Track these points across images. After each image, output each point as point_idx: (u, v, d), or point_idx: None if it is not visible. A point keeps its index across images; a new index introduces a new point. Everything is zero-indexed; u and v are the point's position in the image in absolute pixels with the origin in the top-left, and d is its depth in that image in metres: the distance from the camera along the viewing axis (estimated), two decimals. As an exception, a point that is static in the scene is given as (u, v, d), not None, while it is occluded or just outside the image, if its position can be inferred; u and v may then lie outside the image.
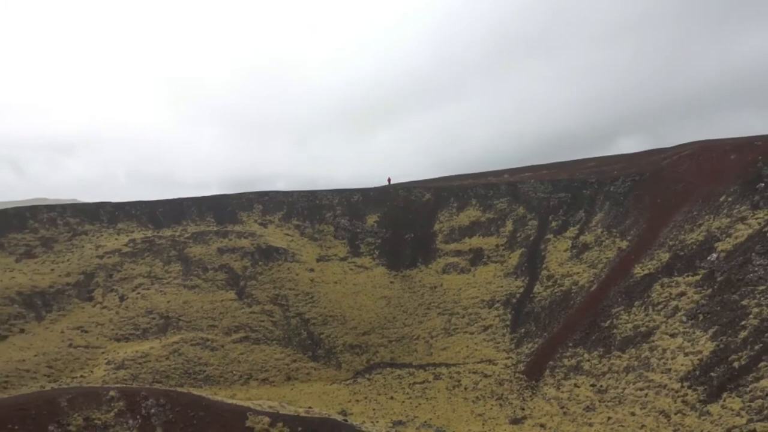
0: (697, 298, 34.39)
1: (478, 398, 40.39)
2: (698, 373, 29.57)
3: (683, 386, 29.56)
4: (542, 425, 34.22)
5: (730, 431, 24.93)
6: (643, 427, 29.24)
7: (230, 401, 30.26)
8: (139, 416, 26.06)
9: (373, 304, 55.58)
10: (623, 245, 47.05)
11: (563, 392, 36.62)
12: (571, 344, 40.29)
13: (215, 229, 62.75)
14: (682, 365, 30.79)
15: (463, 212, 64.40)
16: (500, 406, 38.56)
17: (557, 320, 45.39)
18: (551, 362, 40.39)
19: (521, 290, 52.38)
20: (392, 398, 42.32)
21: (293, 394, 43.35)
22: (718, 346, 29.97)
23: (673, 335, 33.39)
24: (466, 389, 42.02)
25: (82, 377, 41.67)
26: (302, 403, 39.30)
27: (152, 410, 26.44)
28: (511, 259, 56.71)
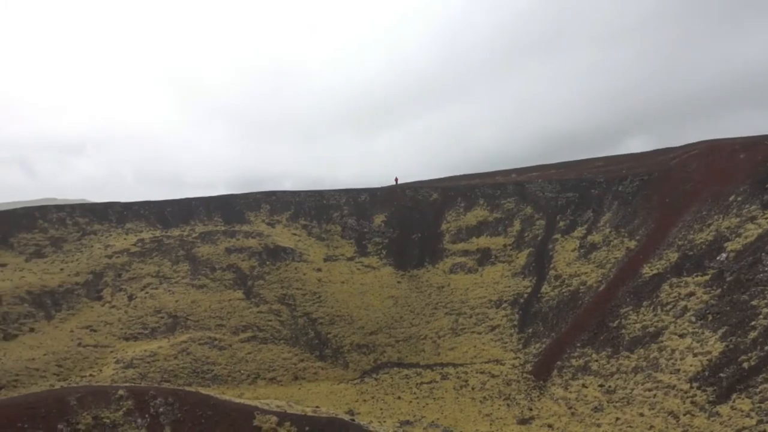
0: (706, 298, 34.18)
1: (485, 398, 40.31)
2: (707, 373, 29.39)
3: (692, 387, 29.39)
4: (550, 426, 34.11)
5: (739, 432, 24.77)
6: (651, 428, 29.09)
7: (238, 400, 30.34)
8: (147, 415, 26.18)
9: (380, 303, 55.59)
10: (632, 245, 46.82)
11: (571, 392, 36.49)
12: (579, 344, 40.14)
13: (223, 228, 62.96)
14: (691, 366, 30.61)
15: (470, 212, 64.29)
16: (508, 406, 38.46)
17: (565, 320, 45.24)
18: (559, 362, 40.25)
19: (529, 290, 52.23)
20: (399, 398, 42.32)
21: (301, 393, 43.43)
22: (727, 346, 29.77)
23: (682, 335, 33.20)
24: (473, 389, 41.95)
25: (91, 376, 41.92)
26: (310, 402, 39.35)
27: (161, 409, 26.56)
28: (518, 258, 56.57)
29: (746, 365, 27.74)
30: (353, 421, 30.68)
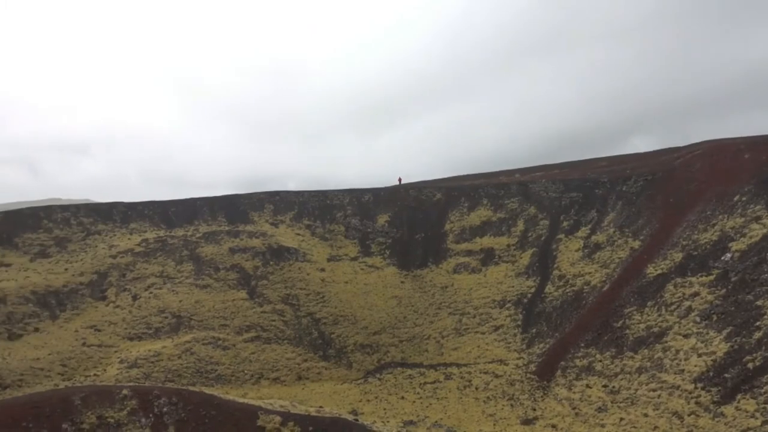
0: (710, 298, 34.10)
1: (489, 398, 40.27)
2: (712, 374, 29.32)
3: (697, 387, 29.33)
4: (554, 426, 34.06)
5: (744, 433, 24.71)
6: (656, 428, 29.03)
7: (241, 400, 30.39)
8: (151, 415, 26.24)
9: (383, 303, 55.60)
10: (636, 245, 46.72)
11: (575, 393, 36.44)
12: (582, 345, 40.08)
13: (227, 228, 63.07)
14: (695, 366, 30.54)
15: (474, 212, 64.24)
16: (511, 406, 38.42)
17: (569, 320, 45.16)
18: (563, 363, 40.19)
19: (532, 290, 52.16)
20: (403, 398, 42.31)
21: (304, 393, 43.46)
22: (732, 347, 29.70)
23: (686, 336, 33.13)
24: (477, 389, 41.92)
25: (95, 376, 42.04)
26: (313, 402, 39.38)
27: (164, 409, 26.62)
28: (522, 259, 56.50)
29: (751, 366, 27.68)
30: (357, 421, 30.70)
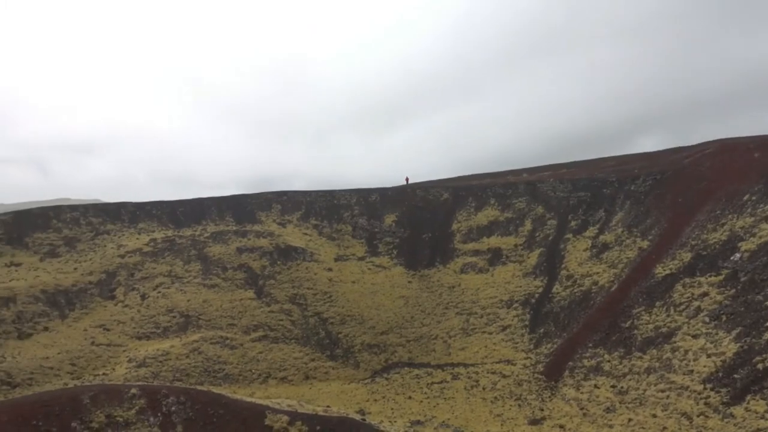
0: (720, 298, 33.87)
1: (496, 398, 40.19)
2: (721, 374, 29.12)
3: (706, 388, 29.14)
4: (561, 426, 33.95)
5: (754, 434, 24.53)
6: (664, 429, 28.87)
7: (249, 400, 30.50)
8: (159, 414, 26.39)
9: (391, 303, 55.60)
10: (644, 245, 46.48)
11: (583, 393, 36.30)
12: (591, 345, 39.92)
13: (234, 228, 63.26)
14: (704, 367, 30.35)
15: (481, 212, 64.12)
16: (519, 406, 38.33)
17: (577, 320, 44.99)
18: (571, 363, 40.05)
19: (540, 290, 51.99)
20: (410, 398, 42.30)
21: (311, 393, 43.54)
22: (741, 347, 29.48)
23: (695, 336, 32.92)
24: (484, 389, 41.84)
25: (104, 375, 42.29)
26: (320, 402, 39.45)
27: (173, 408, 26.76)
28: (530, 258, 56.33)
29: (761, 366, 27.47)
30: (364, 420, 30.74)
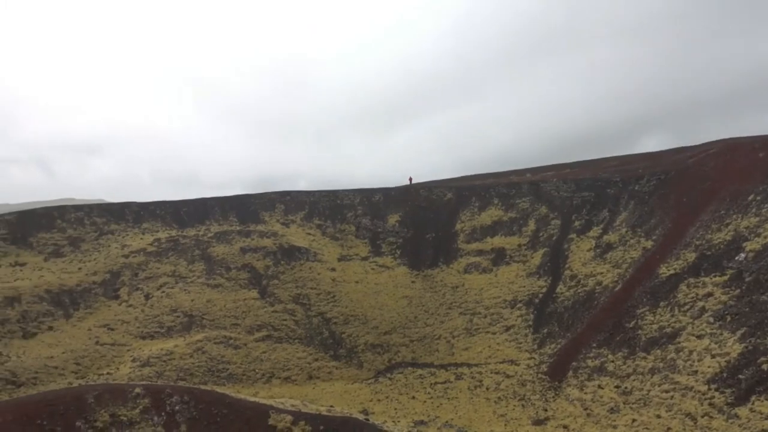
0: (724, 298, 33.75)
1: (500, 399, 40.14)
2: (726, 375, 29.01)
3: (710, 389, 29.04)
4: (565, 427, 33.89)
5: (759, 435, 24.43)
6: (668, 429, 28.79)
7: (253, 399, 30.54)
8: (163, 413, 26.45)
9: (394, 303, 55.59)
10: (648, 245, 46.36)
11: (587, 393, 36.22)
12: (594, 345, 39.83)
13: (238, 228, 63.35)
14: (709, 367, 30.25)
15: (484, 212, 64.06)
16: (522, 406, 38.27)
17: (581, 321, 44.90)
18: (574, 363, 39.96)
19: (544, 290, 51.92)
20: (414, 398, 42.28)
21: (315, 392, 43.55)
22: (746, 347, 29.37)
23: (699, 337, 32.82)
24: (488, 389, 41.80)
25: (108, 374, 42.39)
26: (324, 402, 39.46)
27: (177, 407, 26.82)
28: (533, 258, 56.26)
29: (765, 367, 27.35)
30: (367, 420, 30.75)
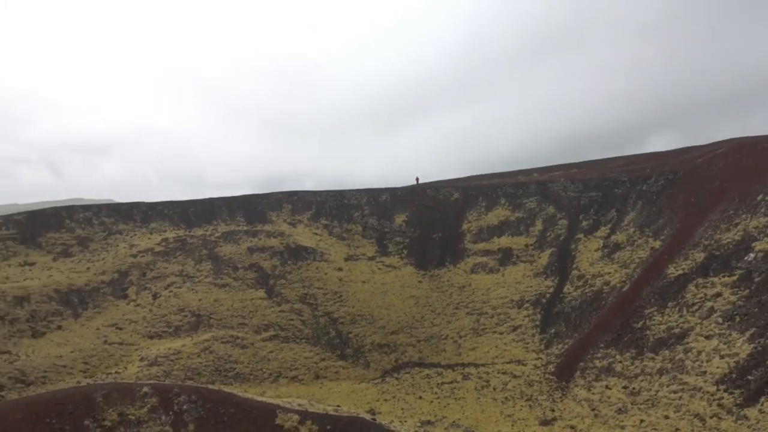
0: (733, 299, 33.54)
1: (507, 399, 40.06)
2: (735, 376, 28.84)
3: (719, 389, 28.87)
4: (573, 427, 33.77)
5: (768, 436, 24.27)
6: (677, 430, 28.64)
7: (260, 399, 30.60)
8: (171, 412, 26.53)
9: (401, 303, 55.58)
10: (656, 245, 46.14)
11: (594, 394, 36.09)
12: (602, 345, 39.68)
13: (245, 228, 63.52)
14: (717, 368, 30.07)
15: (491, 212, 63.95)
16: (530, 407, 38.18)
17: (588, 321, 44.74)
18: (582, 363, 39.83)
19: (551, 290, 51.77)
20: (421, 398, 42.26)
21: (322, 392, 43.62)
22: (755, 348, 29.18)
23: (708, 337, 32.63)
24: (495, 390, 41.72)
25: (116, 373, 42.61)
26: (331, 401, 39.50)
27: (184, 406, 26.90)
28: (540, 258, 56.11)
29: (775, 368, 27.18)
30: (374, 420, 30.74)
